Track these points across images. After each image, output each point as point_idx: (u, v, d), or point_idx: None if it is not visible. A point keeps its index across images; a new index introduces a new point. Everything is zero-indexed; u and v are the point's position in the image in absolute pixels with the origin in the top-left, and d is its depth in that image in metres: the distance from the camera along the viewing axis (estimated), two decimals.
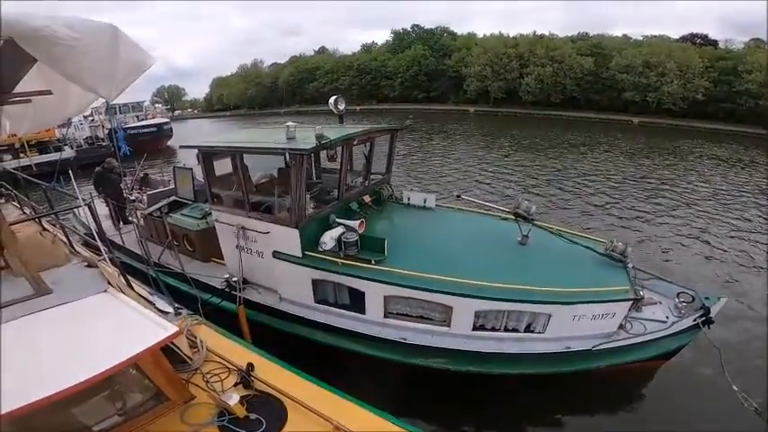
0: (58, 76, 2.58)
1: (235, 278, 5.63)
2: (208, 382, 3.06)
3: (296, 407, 2.82)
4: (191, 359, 3.17)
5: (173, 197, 7.37)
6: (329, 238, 5.07)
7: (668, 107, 38.98)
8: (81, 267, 2.91)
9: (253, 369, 3.17)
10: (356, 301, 5.01)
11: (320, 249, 5.10)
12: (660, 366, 5.19)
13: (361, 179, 6.64)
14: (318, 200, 5.82)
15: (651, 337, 4.76)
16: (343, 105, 6.16)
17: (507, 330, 4.68)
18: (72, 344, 2.10)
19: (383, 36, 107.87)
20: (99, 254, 3.26)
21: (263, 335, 5.19)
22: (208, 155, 5.78)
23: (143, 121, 31.48)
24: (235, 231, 5.52)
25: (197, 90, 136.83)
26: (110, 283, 2.60)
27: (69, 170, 3.90)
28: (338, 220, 5.37)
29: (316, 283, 5.20)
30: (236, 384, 3.06)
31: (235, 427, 2.65)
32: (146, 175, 10.79)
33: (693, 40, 44.89)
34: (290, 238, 5.15)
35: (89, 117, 28.43)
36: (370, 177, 6.66)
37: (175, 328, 2.13)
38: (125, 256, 6.23)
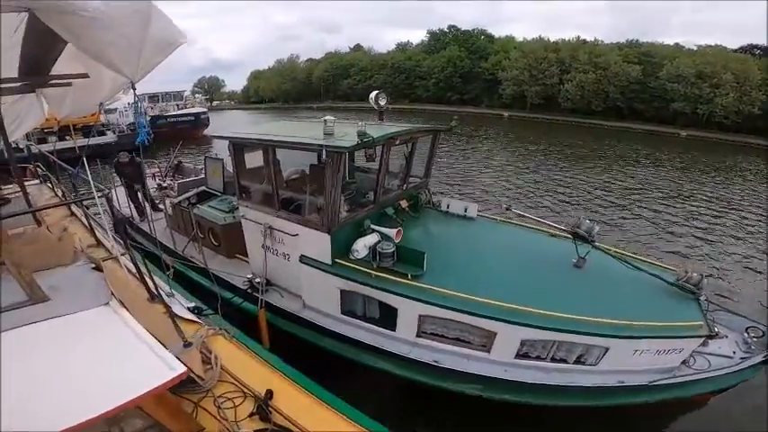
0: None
1: (258, 279, 5.39)
2: (219, 407, 2.68)
3: None
4: (202, 379, 2.78)
5: (202, 187, 7.16)
6: (362, 246, 4.67)
7: (720, 120, 36.83)
8: (86, 270, 2.59)
9: (272, 397, 2.77)
10: (387, 317, 4.60)
11: (352, 257, 4.71)
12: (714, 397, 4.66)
13: (399, 182, 6.15)
14: (353, 202, 5.38)
15: (715, 374, 4.30)
16: (384, 101, 5.71)
17: (554, 361, 4.25)
18: (62, 373, 1.76)
19: (419, 36, 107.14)
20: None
21: (282, 341, 4.95)
22: (239, 146, 5.47)
23: (182, 110, 32.32)
24: (261, 231, 5.20)
25: (236, 82, 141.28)
26: (113, 294, 2.24)
27: (83, 158, 3.61)
28: (373, 227, 4.95)
29: (344, 293, 4.79)
30: (251, 415, 2.65)
31: None
32: (179, 162, 10.75)
33: (752, 51, 42.55)
34: (319, 243, 4.77)
35: (132, 104, 29.38)
36: (409, 180, 6.16)
37: (183, 368, 1.75)
38: (152, 246, 6.06)
